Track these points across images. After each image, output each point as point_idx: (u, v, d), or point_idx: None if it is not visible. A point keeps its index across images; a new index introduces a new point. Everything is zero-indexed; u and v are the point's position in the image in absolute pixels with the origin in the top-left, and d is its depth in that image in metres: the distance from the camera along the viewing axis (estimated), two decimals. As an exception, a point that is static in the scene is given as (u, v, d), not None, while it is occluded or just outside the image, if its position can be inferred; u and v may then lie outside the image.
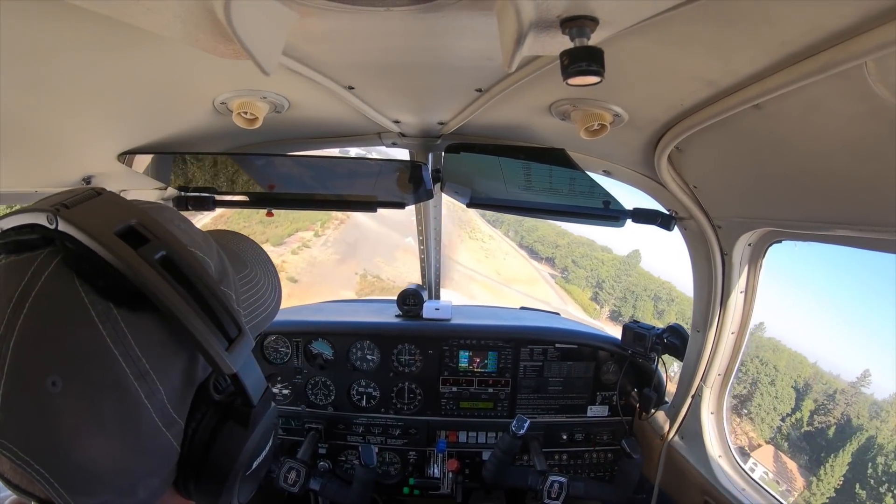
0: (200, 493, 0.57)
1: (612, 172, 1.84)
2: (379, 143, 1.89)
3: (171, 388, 0.52)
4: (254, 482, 0.66)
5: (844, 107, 0.89)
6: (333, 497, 2.23)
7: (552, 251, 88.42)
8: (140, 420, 0.49)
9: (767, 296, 21.09)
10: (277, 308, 0.78)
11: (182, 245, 0.54)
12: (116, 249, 0.47)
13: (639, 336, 2.25)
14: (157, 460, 0.52)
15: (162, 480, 0.54)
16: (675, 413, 2.16)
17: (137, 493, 0.51)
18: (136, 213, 0.52)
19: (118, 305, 0.48)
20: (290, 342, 2.53)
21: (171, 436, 0.53)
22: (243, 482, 0.61)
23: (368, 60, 1.13)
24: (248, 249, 0.79)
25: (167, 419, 0.52)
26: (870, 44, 0.69)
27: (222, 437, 0.56)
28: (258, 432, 0.60)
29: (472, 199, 2.12)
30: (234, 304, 0.63)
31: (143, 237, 0.50)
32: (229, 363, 0.53)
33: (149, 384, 0.49)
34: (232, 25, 0.65)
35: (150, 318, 0.50)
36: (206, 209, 2.10)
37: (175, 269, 0.51)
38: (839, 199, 1.15)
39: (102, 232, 0.47)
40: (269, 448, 0.66)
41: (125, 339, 0.48)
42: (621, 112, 1.29)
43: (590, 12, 0.68)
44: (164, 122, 1.49)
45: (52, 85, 1.07)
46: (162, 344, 0.51)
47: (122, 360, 0.47)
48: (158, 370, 0.50)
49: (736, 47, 0.87)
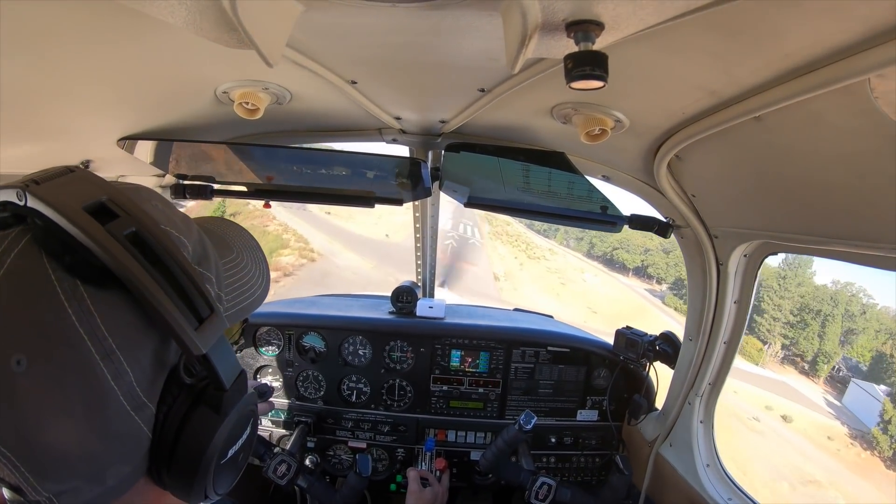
0: (173, 482, 0.56)
1: (611, 178, 1.84)
2: (379, 138, 1.89)
3: (140, 371, 0.50)
4: (232, 472, 0.64)
5: (845, 122, 0.90)
6: (320, 498, 2.22)
7: (641, 258, 66.55)
8: (107, 402, 0.48)
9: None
10: (265, 294, 0.77)
11: (155, 223, 0.53)
12: (83, 224, 0.46)
13: (631, 342, 2.25)
14: (126, 446, 0.51)
15: (133, 468, 0.53)
16: (665, 420, 2.16)
17: (106, 479, 0.50)
18: (108, 190, 0.51)
19: (85, 283, 0.47)
20: (283, 334, 2.52)
21: (140, 421, 0.51)
22: (220, 471, 0.59)
23: (372, 56, 1.13)
24: (236, 235, 0.78)
25: (136, 403, 0.50)
26: (873, 60, 0.69)
27: (193, 423, 0.55)
28: (232, 418, 0.58)
29: (470, 198, 2.12)
30: (214, 286, 0.62)
31: (113, 213, 0.49)
32: (198, 343, 0.51)
33: (115, 365, 0.48)
34: (237, 15, 0.65)
35: (118, 296, 0.49)
36: (203, 198, 2.09)
37: (145, 245, 0.50)
38: (837, 214, 1.16)
39: (71, 207, 0.46)
40: (246, 437, 0.65)
41: (91, 317, 0.46)
42: (622, 118, 1.29)
43: (595, 17, 0.68)
44: (165, 109, 1.49)
45: (53, 68, 1.06)
46: (130, 324, 0.50)
47: (88, 340, 0.46)
48: (126, 351, 0.49)
49: (739, 58, 0.87)
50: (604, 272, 63.39)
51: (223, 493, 0.63)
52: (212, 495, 0.60)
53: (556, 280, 50.07)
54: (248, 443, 0.66)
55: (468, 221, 56.56)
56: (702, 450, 2.01)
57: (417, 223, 2.74)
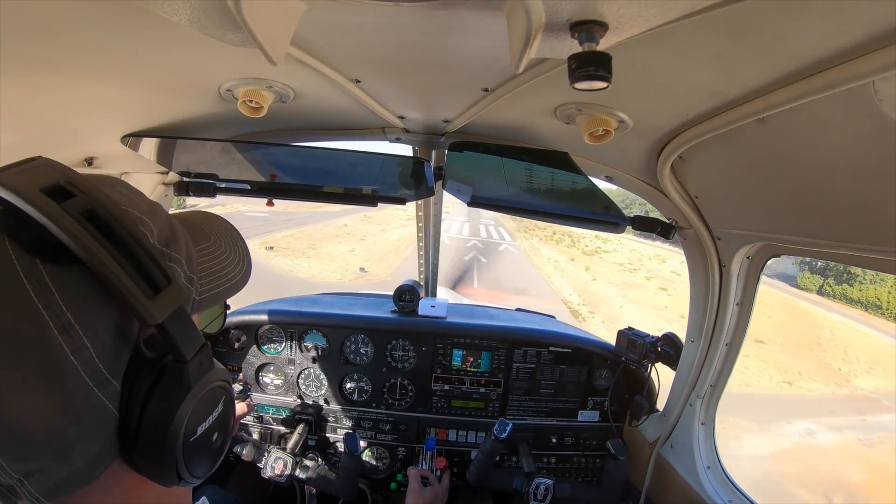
0: (143, 462, 0.56)
1: (614, 178, 1.84)
2: (383, 137, 1.89)
3: (100, 345, 0.50)
4: (207, 454, 0.63)
5: (850, 125, 0.89)
6: (320, 487, 2.25)
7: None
8: (66, 376, 0.48)
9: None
10: (245, 279, 0.77)
11: (114, 203, 0.53)
12: (39, 203, 0.47)
13: (633, 343, 2.25)
14: (90, 422, 0.51)
15: (100, 447, 0.52)
16: (666, 422, 2.16)
17: (73, 459, 0.50)
18: (67, 175, 0.52)
19: (44, 261, 0.47)
20: (284, 332, 2.53)
21: (104, 397, 0.51)
22: (192, 451, 0.59)
23: (376, 55, 1.13)
24: (215, 225, 0.79)
25: (98, 378, 0.50)
26: (878, 63, 0.69)
27: (156, 398, 0.54)
28: (197, 392, 0.58)
29: (473, 197, 2.12)
30: (184, 268, 0.62)
31: (70, 194, 0.50)
32: (152, 311, 0.51)
33: (73, 339, 0.48)
34: (241, 13, 0.65)
35: (76, 272, 0.49)
36: (207, 195, 2.10)
37: (100, 222, 0.50)
38: (840, 217, 1.16)
39: (27, 188, 0.47)
40: (218, 414, 0.64)
41: (49, 292, 0.47)
42: (626, 119, 1.29)
43: (599, 17, 0.68)
44: (169, 107, 1.49)
45: (58, 65, 1.07)
46: (86, 297, 0.50)
47: (46, 313, 0.46)
48: (84, 324, 0.49)
49: (743, 60, 0.87)
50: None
51: (200, 476, 0.62)
52: (187, 476, 0.59)
53: (646, 284, 28.60)
54: (222, 422, 0.65)
55: (488, 221, 47.87)
56: (702, 451, 2.00)
57: (420, 222, 2.74)
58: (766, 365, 16.74)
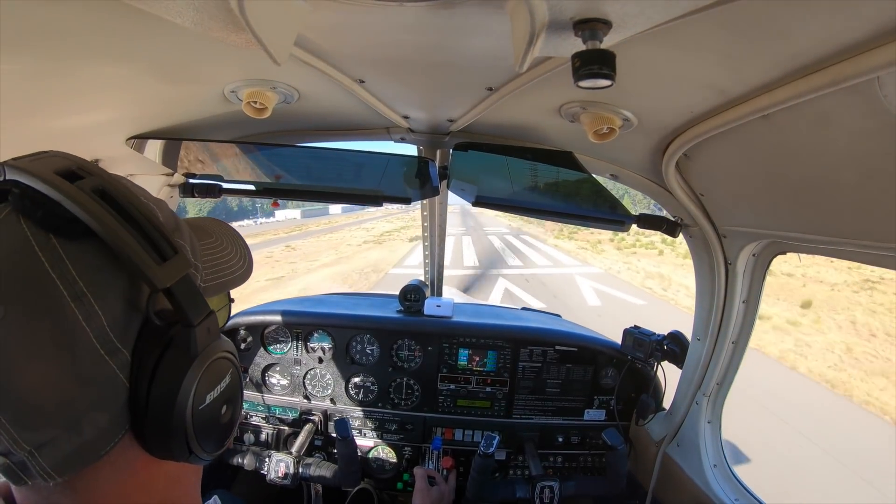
0: (153, 434, 0.56)
1: (619, 176, 1.83)
2: (387, 137, 1.90)
3: (111, 314, 0.52)
4: (217, 428, 0.64)
5: (854, 121, 0.89)
6: (323, 481, 2.26)
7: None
8: (78, 342, 0.50)
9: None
10: (247, 273, 0.79)
11: (124, 185, 0.56)
12: (54, 182, 0.50)
13: (639, 342, 2.24)
14: (101, 391, 0.52)
15: (111, 418, 0.53)
16: (672, 420, 2.16)
17: (83, 429, 0.51)
18: (79, 162, 0.55)
19: (57, 235, 0.50)
20: (290, 332, 2.54)
21: (114, 366, 0.53)
22: (202, 422, 0.59)
23: (380, 55, 1.13)
24: (216, 226, 0.81)
25: (109, 346, 0.52)
26: (882, 59, 0.69)
27: (164, 364, 0.56)
28: (205, 358, 0.59)
29: (477, 197, 2.13)
30: (188, 253, 0.63)
31: (81, 176, 0.53)
32: (160, 276, 0.53)
33: (86, 306, 0.50)
34: (245, 15, 0.66)
35: (88, 245, 0.51)
36: (212, 196, 2.11)
37: (111, 199, 0.53)
38: (846, 214, 1.15)
39: (43, 171, 0.50)
40: (226, 385, 0.65)
41: (62, 262, 0.49)
42: (631, 116, 1.29)
43: (603, 15, 0.68)
44: (174, 109, 1.50)
45: (62, 68, 1.08)
46: (98, 267, 0.52)
47: (60, 282, 0.49)
48: (95, 293, 0.51)
49: (747, 57, 0.87)
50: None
51: (210, 451, 0.63)
52: (197, 450, 0.60)
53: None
54: (231, 394, 0.66)
55: (500, 229, 41.00)
56: (709, 450, 2.00)
57: (426, 222, 2.74)
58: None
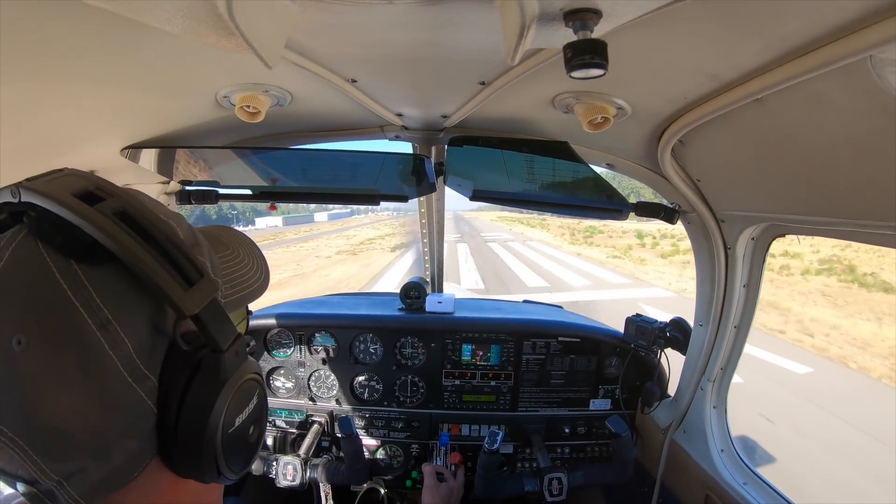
0: (183, 457, 0.56)
1: (615, 165, 1.83)
2: (382, 136, 1.89)
3: (137, 340, 0.51)
4: (244, 448, 0.64)
5: (848, 101, 0.89)
6: (331, 480, 2.26)
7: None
8: (105, 371, 0.49)
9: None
10: (265, 285, 0.79)
11: (142, 204, 0.55)
12: (73, 205, 0.48)
13: (641, 330, 2.25)
14: (129, 418, 0.52)
15: (140, 444, 0.53)
16: (678, 407, 2.16)
17: (112, 457, 0.50)
18: (96, 182, 0.54)
19: (78, 261, 0.49)
20: (293, 335, 2.54)
21: (142, 392, 0.52)
22: (230, 444, 0.59)
23: (371, 54, 1.13)
24: (232, 236, 0.80)
25: (136, 373, 0.51)
26: (874, 38, 0.68)
27: (194, 390, 0.55)
28: (233, 382, 0.59)
29: (474, 192, 2.12)
30: (208, 270, 0.62)
31: (101, 198, 0.52)
32: (188, 303, 0.52)
33: (111, 334, 0.49)
34: (234, 20, 0.65)
35: (110, 270, 0.50)
36: (209, 202, 2.11)
37: (131, 221, 0.52)
38: (843, 194, 1.15)
39: (61, 193, 0.49)
40: (254, 406, 0.64)
41: (85, 289, 0.48)
42: (624, 105, 1.29)
43: (593, 5, 0.68)
44: (167, 117, 1.50)
45: (54, 79, 1.07)
46: (122, 293, 0.51)
47: (83, 310, 0.48)
48: (120, 319, 0.50)
49: (739, 41, 0.87)
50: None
51: (237, 471, 0.63)
52: (226, 471, 0.59)
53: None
54: (258, 414, 0.66)
55: (501, 234, 39.06)
56: (716, 435, 2.00)
57: (423, 219, 2.74)
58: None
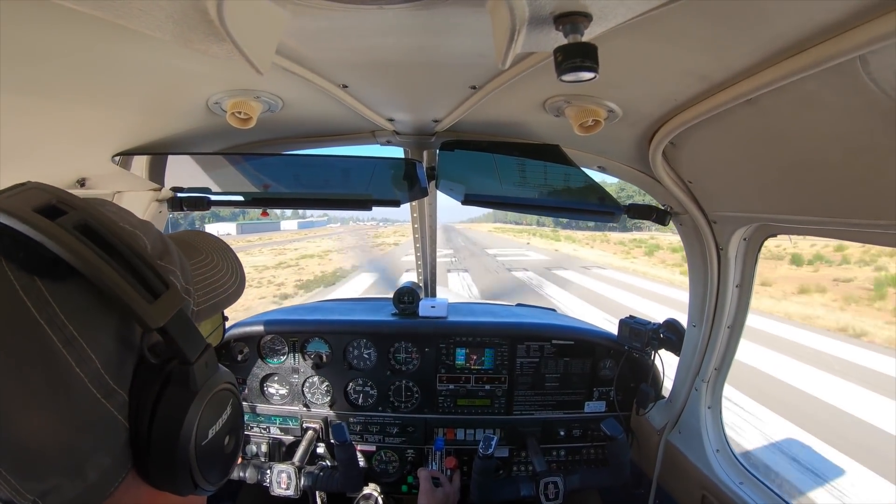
0: (157, 471, 0.55)
1: (606, 168, 1.84)
2: (373, 141, 1.89)
3: (104, 355, 0.50)
4: (221, 459, 0.63)
5: (838, 101, 0.90)
6: (326, 488, 2.25)
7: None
8: (72, 388, 0.48)
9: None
10: (240, 290, 0.78)
11: (105, 216, 0.54)
12: (32, 220, 0.47)
13: (635, 331, 2.25)
14: (100, 434, 0.51)
15: (113, 460, 0.52)
16: (672, 408, 2.17)
17: (87, 473, 0.49)
18: (59, 195, 0.52)
19: (41, 277, 0.48)
20: (287, 342, 2.52)
21: (112, 408, 0.51)
22: (206, 457, 0.58)
23: (362, 59, 1.13)
24: (205, 240, 0.79)
25: (105, 389, 0.50)
26: (863, 38, 0.69)
27: (164, 403, 0.54)
28: (204, 394, 0.58)
29: (466, 196, 2.13)
30: (180, 280, 0.62)
31: (62, 211, 0.51)
32: (153, 315, 0.52)
33: (78, 351, 0.48)
34: (225, 25, 0.65)
35: (74, 285, 0.49)
36: (201, 209, 2.10)
37: (94, 234, 0.51)
38: (834, 193, 1.16)
39: (21, 209, 0.47)
40: (228, 416, 0.64)
41: (49, 306, 0.47)
42: (615, 108, 1.29)
43: (583, 8, 0.68)
44: (158, 123, 1.49)
45: (43, 87, 1.06)
46: (87, 309, 0.50)
47: (48, 328, 0.47)
48: (86, 335, 0.49)
49: (729, 42, 0.87)
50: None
51: (215, 482, 0.62)
52: (202, 483, 0.59)
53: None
54: (233, 425, 0.65)
55: (520, 254, 37.92)
56: (711, 435, 2.01)
57: (416, 223, 2.74)
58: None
